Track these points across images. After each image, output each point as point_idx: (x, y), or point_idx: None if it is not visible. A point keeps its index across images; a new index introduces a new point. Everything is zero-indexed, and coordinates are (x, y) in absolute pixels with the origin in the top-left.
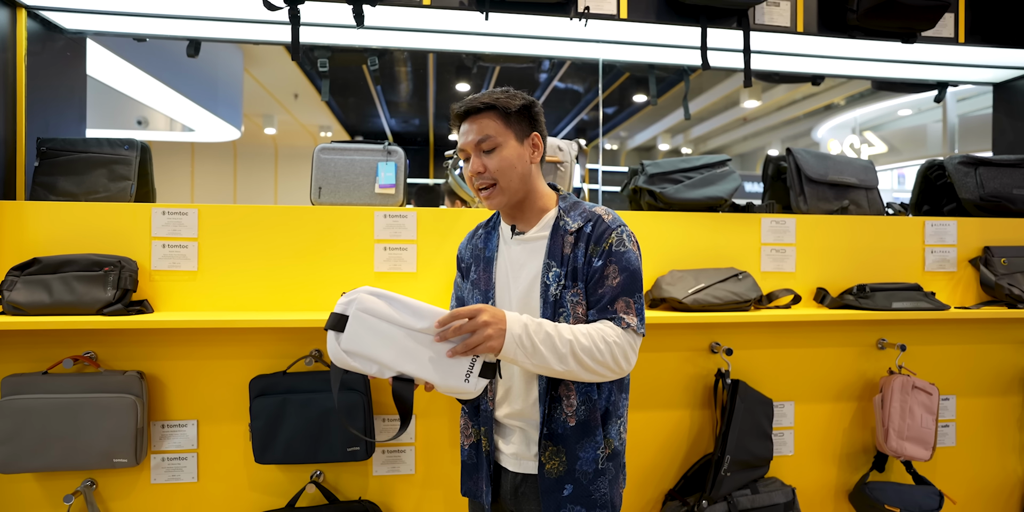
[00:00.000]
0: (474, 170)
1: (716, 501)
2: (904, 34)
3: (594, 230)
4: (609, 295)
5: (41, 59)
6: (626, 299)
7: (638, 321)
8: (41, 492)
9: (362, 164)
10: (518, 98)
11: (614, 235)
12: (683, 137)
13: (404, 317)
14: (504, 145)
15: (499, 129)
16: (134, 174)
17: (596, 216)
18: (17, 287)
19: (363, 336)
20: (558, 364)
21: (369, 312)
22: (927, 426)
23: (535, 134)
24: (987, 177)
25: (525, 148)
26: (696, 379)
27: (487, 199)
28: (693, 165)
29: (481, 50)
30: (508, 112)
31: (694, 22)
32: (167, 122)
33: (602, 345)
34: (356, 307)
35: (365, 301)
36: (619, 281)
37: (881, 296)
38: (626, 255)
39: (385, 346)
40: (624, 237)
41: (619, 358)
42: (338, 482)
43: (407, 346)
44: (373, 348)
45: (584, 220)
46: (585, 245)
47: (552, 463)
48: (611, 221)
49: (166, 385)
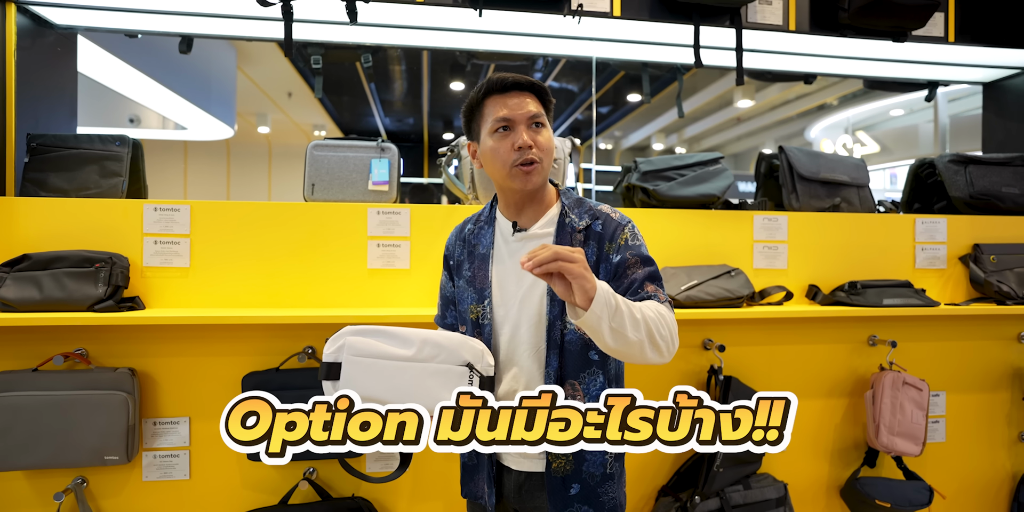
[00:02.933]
0: (525, 142)
1: (709, 497)
2: (895, 33)
3: (605, 228)
4: (640, 280)
5: (31, 55)
6: (655, 284)
7: (665, 296)
8: (31, 490)
9: (355, 161)
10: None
11: (626, 231)
12: (677, 137)
13: (393, 348)
14: (546, 128)
15: (542, 111)
16: (126, 170)
17: (604, 214)
18: (7, 284)
19: (359, 379)
20: (633, 331)
21: (360, 354)
22: (917, 422)
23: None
24: (977, 175)
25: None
26: (689, 376)
27: (529, 175)
28: (686, 162)
29: (475, 48)
30: (546, 101)
31: (687, 20)
32: (160, 120)
33: (661, 320)
34: (347, 352)
35: (354, 344)
36: (643, 270)
37: (872, 293)
38: (641, 248)
39: (383, 384)
40: (635, 232)
41: (674, 333)
42: (331, 479)
43: (404, 379)
44: (372, 390)
45: (591, 218)
46: (597, 243)
47: (559, 462)
48: (619, 218)
49: (158, 382)
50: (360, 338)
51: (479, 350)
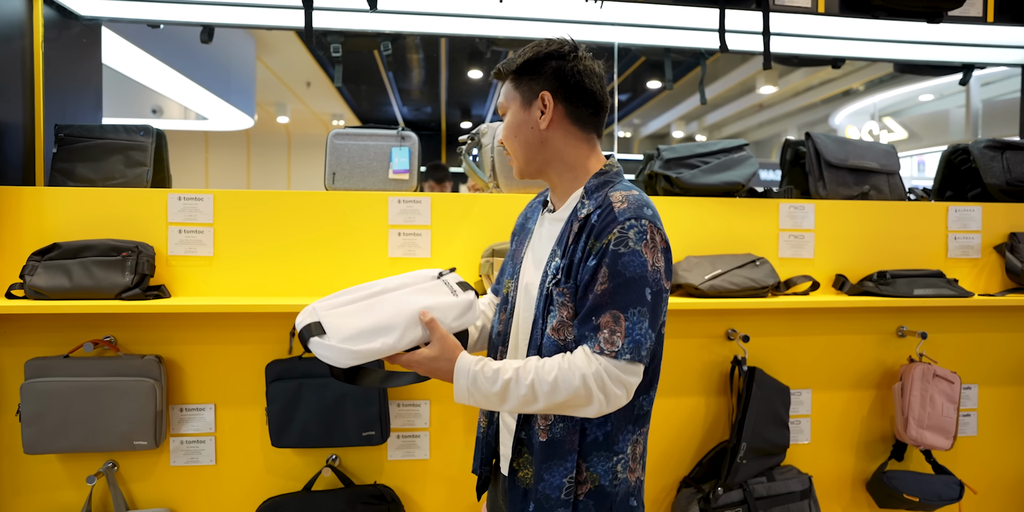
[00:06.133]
0: (498, 139)
1: (732, 488)
2: (929, 13)
3: (599, 221)
4: (590, 304)
5: (57, 46)
6: (615, 313)
7: (625, 343)
8: (65, 473)
9: (376, 149)
10: (524, 54)
11: (616, 230)
12: (697, 124)
13: (359, 293)
14: (509, 110)
15: (509, 93)
16: (150, 160)
17: (608, 203)
18: (38, 272)
19: (343, 323)
20: (503, 405)
21: (330, 306)
22: (948, 415)
23: (544, 93)
24: (1014, 162)
25: (531, 112)
26: (712, 366)
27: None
28: (710, 150)
29: (495, 34)
30: (515, 74)
31: (712, 4)
32: (181, 111)
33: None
34: (318, 310)
35: (322, 304)
36: (606, 289)
37: (902, 283)
38: (624, 258)
39: (369, 319)
40: (630, 234)
41: (595, 393)
42: (353, 466)
43: (386, 307)
44: (361, 325)
45: (595, 205)
46: (586, 238)
47: (524, 472)
48: (621, 212)
49: (184, 369)
50: (324, 301)
51: (439, 268)
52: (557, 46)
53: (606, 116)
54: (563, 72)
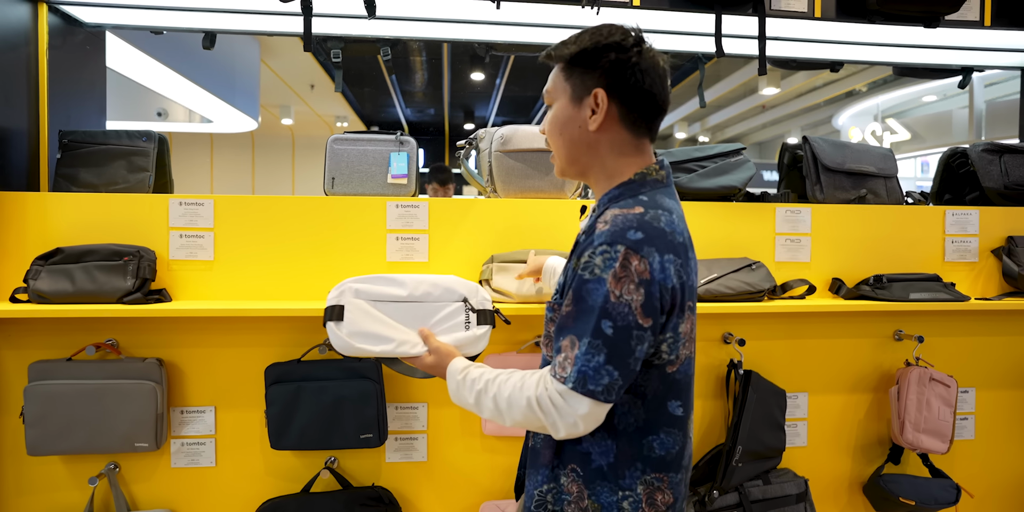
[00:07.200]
0: (540, 128)
1: (727, 491)
2: (927, 18)
3: (584, 239)
4: (557, 324)
5: (62, 53)
6: (572, 338)
7: (572, 372)
8: (67, 474)
9: (375, 154)
10: (580, 41)
11: (587, 254)
12: (700, 125)
13: (390, 290)
14: (556, 103)
15: (558, 81)
16: (152, 165)
17: (599, 223)
18: (41, 276)
19: (360, 321)
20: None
21: (361, 296)
22: (944, 419)
23: (598, 91)
24: (1012, 165)
25: (582, 109)
26: (708, 369)
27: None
28: (707, 154)
29: (493, 39)
30: (568, 61)
31: (708, 9)
32: (186, 114)
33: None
34: (349, 295)
35: (354, 287)
36: (569, 311)
37: (899, 287)
38: (587, 284)
39: (384, 323)
40: (596, 261)
41: (542, 417)
42: (352, 468)
43: (401, 318)
44: (372, 328)
45: (592, 221)
46: (576, 258)
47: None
48: (599, 234)
49: (184, 372)
50: (360, 284)
51: (473, 287)
52: (620, 37)
53: (663, 119)
54: (622, 68)
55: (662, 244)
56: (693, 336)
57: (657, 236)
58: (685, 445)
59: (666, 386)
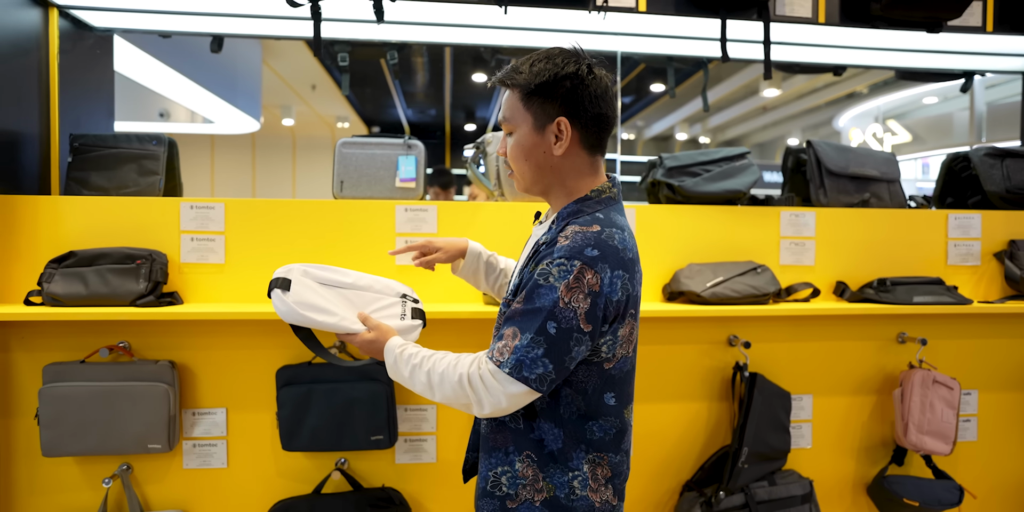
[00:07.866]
0: (499, 151)
1: (733, 492)
2: (929, 24)
3: (545, 250)
4: (504, 317)
5: (72, 57)
6: (515, 330)
7: (509, 358)
8: (81, 475)
9: (383, 158)
10: (540, 73)
11: (544, 264)
12: (701, 126)
13: (335, 276)
14: (518, 131)
15: (517, 110)
16: (162, 169)
17: (559, 238)
18: (55, 279)
19: (307, 293)
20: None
21: (307, 275)
22: (947, 420)
23: (561, 120)
24: (1014, 169)
25: (545, 136)
26: (714, 372)
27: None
28: (712, 158)
29: (500, 44)
30: (526, 91)
31: (713, 14)
32: (188, 114)
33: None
34: (297, 274)
35: (302, 268)
36: (518, 308)
37: (902, 290)
38: (540, 288)
39: (326, 300)
40: (553, 271)
41: (468, 393)
42: (362, 469)
43: (343, 299)
44: (318, 300)
45: (553, 234)
46: (535, 264)
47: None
48: (559, 248)
49: (196, 374)
50: (307, 267)
51: (410, 288)
52: (574, 67)
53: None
54: (580, 96)
55: (614, 261)
56: (632, 339)
57: (611, 254)
58: (623, 431)
59: (603, 380)
